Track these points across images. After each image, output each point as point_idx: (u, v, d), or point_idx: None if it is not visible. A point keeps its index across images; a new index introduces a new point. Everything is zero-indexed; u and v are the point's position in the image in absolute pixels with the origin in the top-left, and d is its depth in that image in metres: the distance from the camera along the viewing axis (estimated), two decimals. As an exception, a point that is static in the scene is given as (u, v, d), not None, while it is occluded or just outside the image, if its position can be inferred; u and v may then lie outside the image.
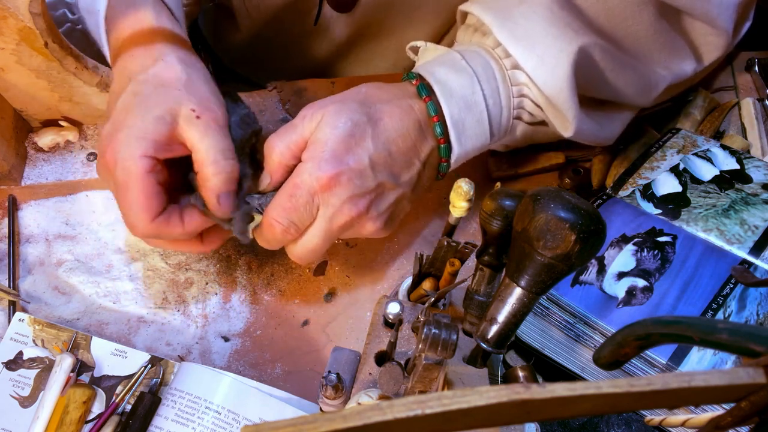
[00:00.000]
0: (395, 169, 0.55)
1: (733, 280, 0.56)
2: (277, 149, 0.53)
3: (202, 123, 0.50)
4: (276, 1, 0.79)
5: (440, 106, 0.56)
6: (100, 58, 0.66)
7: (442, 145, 0.57)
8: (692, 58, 0.67)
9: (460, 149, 0.58)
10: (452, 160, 0.59)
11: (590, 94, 0.61)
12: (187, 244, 0.56)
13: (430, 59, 0.61)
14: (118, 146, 0.49)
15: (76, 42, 0.65)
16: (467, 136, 0.58)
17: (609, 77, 0.61)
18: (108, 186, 0.54)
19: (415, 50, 0.67)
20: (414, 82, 0.57)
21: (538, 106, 0.61)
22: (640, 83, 0.63)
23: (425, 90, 0.57)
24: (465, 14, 0.64)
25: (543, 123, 0.64)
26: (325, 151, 0.51)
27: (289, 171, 0.54)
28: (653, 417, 0.40)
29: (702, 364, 0.52)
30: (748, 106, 0.76)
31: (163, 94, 0.50)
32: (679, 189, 0.65)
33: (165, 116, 0.50)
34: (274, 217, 0.53)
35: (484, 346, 0.42)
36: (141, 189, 0.49)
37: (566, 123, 0.60)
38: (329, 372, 0.49)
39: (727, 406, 0.39)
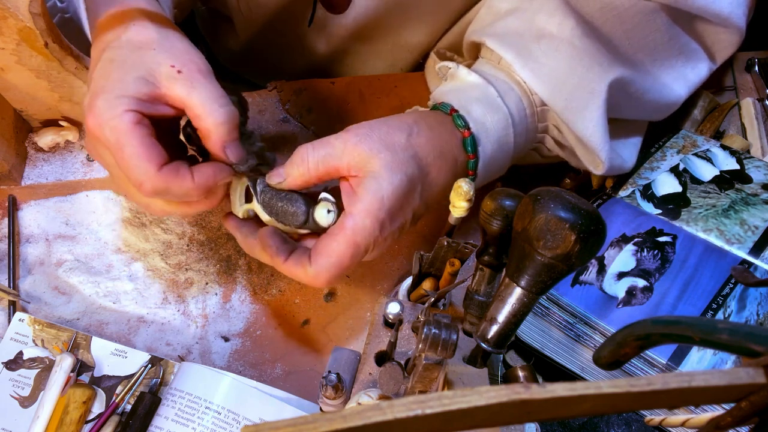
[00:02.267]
0: (418, 214, 0.55)
1: (733, 280, 0.56)
2: (306, 162, 0.51)
3: (185, 77, 0.48)
4: (270, 5, 0.79)
5: (478, 158, 0.56)
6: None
7: None
8: (707, 58, 0.66)
9: (479, 182, 0.59)
10: None
11: (612, 116, 0.61)
12: (194, 204, 0.53)
13: (463, 88, 0.59)
14: (99, 110, 0.46)
15: (68, 32, 0.64)
16: (490, 173, 0.59)
17: (633, 104, 0.61)
18: (101, 160, 0.50)
19: (444, 70, 0.66)
20: (464, 132, 0.55)
21: (559, 143, 0.62)
22: (660, 104, 0.64)
23: (473, 146, 0.55)
24: (475, 44, 0.63)
25: (557, 157, 0.64)
26: (382, 209, 0.50)
27: (306, 184, 0.53)
28: (653, 417, 0.40)
29: (702, 364, 0.52)
30: (748, 106, 0.76)
31: (139, 56, 0.48)
32: (679, 189, 0.65)
33: (145, 77, 0.47)
34: (328, 269, 0.50)
35: (484, 346, 0.42)
36: (136, 140, 0.46)
37: (597, 161, 0.60)
38: (329, 372, 0.48)
39: (727, 406, 0.39)
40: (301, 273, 0.51)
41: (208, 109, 0.48)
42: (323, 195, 0.53)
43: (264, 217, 0.54)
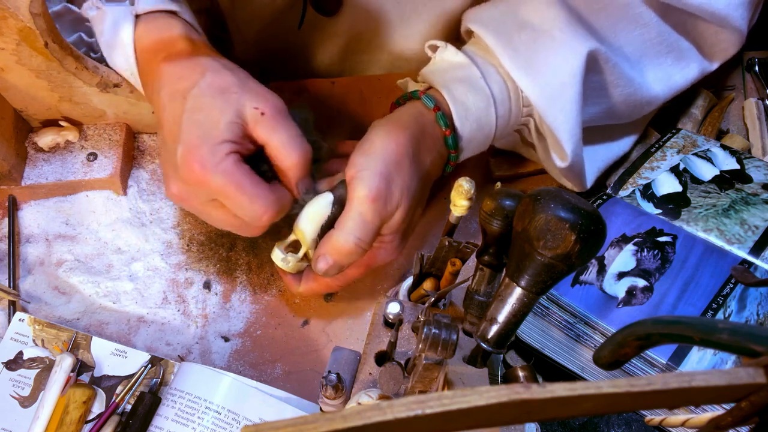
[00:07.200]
0: (424, 164, 0.58)
1: (733, 280, 0.56)
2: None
3: (267, 119, 0.53)
4: (263, 10, 0.79)
5: (457, 133, 0.59)
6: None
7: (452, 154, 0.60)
8: (700, 58, 0.66)
9: (458, 159, 0.61)
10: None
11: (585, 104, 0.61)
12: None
13: (448, 68, 0.61)
14: (205, 157, 0.50)
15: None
16: (470, 150, 0.61)
17: (607, 84, 0.61)
18: (199, 205, 0.54)
19: (434, 48, 0.66)
20: (433, 109, 0.59)
21: (538, 131, 0.63)
22: (633, 99, 0.64)
23: (444, 121, 0.58)
24: (470, 31, 0.64)
25: (532, 147, 0.66)
26: (380, 163, 0.54)
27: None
28: (653, 417, 0.40)
29: (702, 364, 0.52)
30: (751, 107, 0.76)
31: (225, 100, 0.52)
32: (679, 189, 0.65)
33: (235, 120, 0.52)
34: (354, 227, 0.54)
35: (484, 346, 0.42)
36: (247, 179, 0.51)
37: (563, 153, 0.61)
38: (329, 372, 0.49)
39: (727, 406, 0.39)
40: (331, 247, 0.54)
41: (286, 152, 0.53)
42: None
43: (310, 237, 0.56)
